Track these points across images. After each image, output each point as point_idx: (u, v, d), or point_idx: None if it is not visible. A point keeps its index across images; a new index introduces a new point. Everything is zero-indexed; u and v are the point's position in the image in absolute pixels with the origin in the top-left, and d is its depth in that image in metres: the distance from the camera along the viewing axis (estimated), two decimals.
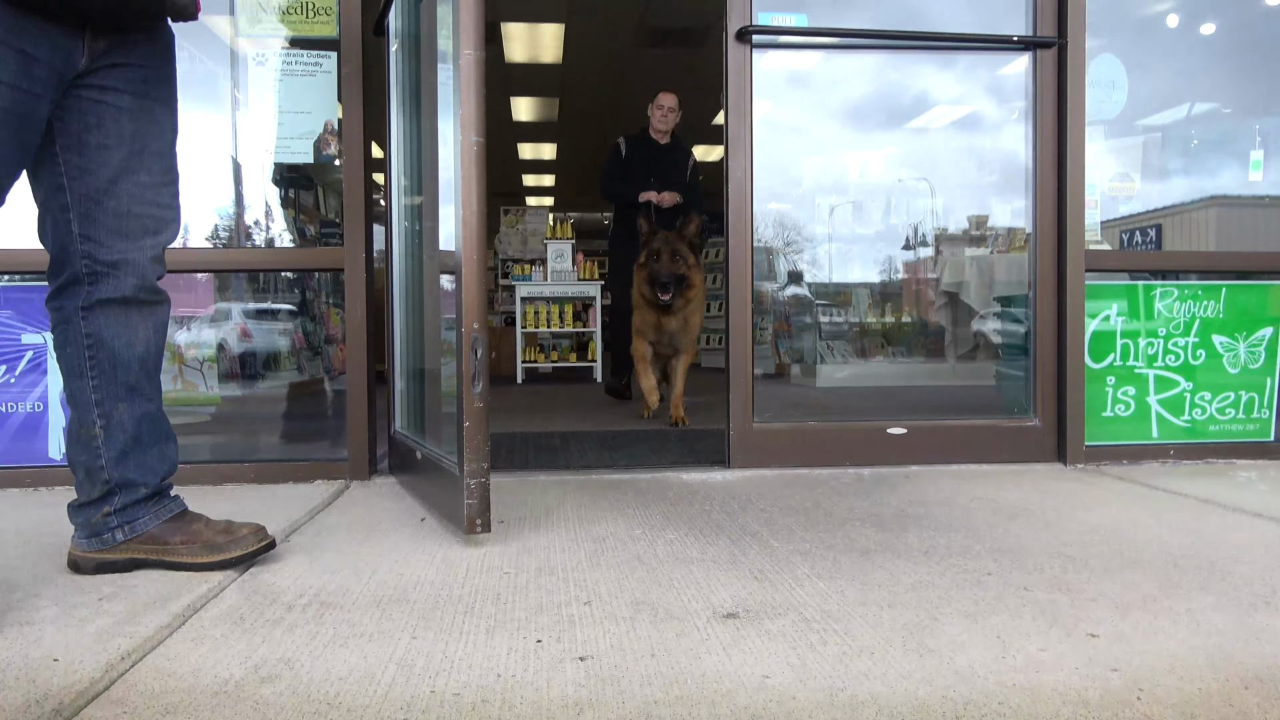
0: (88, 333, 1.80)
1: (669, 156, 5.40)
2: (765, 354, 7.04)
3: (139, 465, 1.85)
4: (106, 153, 1.74)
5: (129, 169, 1.77)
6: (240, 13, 3.00)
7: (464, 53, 2.02)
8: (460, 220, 2.04)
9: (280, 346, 3.48)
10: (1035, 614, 1.53)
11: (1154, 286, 3.18)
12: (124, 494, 1.83)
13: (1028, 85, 3.17)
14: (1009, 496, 2.54)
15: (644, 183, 5.27)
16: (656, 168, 5.34)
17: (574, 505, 2.47)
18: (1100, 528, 2.16)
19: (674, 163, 5.42)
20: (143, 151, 1.78)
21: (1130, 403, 3.14)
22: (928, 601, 1.60)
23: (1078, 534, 2.10)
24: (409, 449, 2.69)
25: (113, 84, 1.74)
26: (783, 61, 3.52)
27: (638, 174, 5.32)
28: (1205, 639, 1.41)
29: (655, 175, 5.31)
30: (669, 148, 5.41)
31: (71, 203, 1.74)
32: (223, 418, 3.21)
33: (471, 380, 2.04)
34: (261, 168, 3.18)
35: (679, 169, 5.43)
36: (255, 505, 2.47)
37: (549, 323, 8.30)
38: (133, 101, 1.77)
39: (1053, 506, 2.41)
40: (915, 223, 5.18)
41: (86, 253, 1.76)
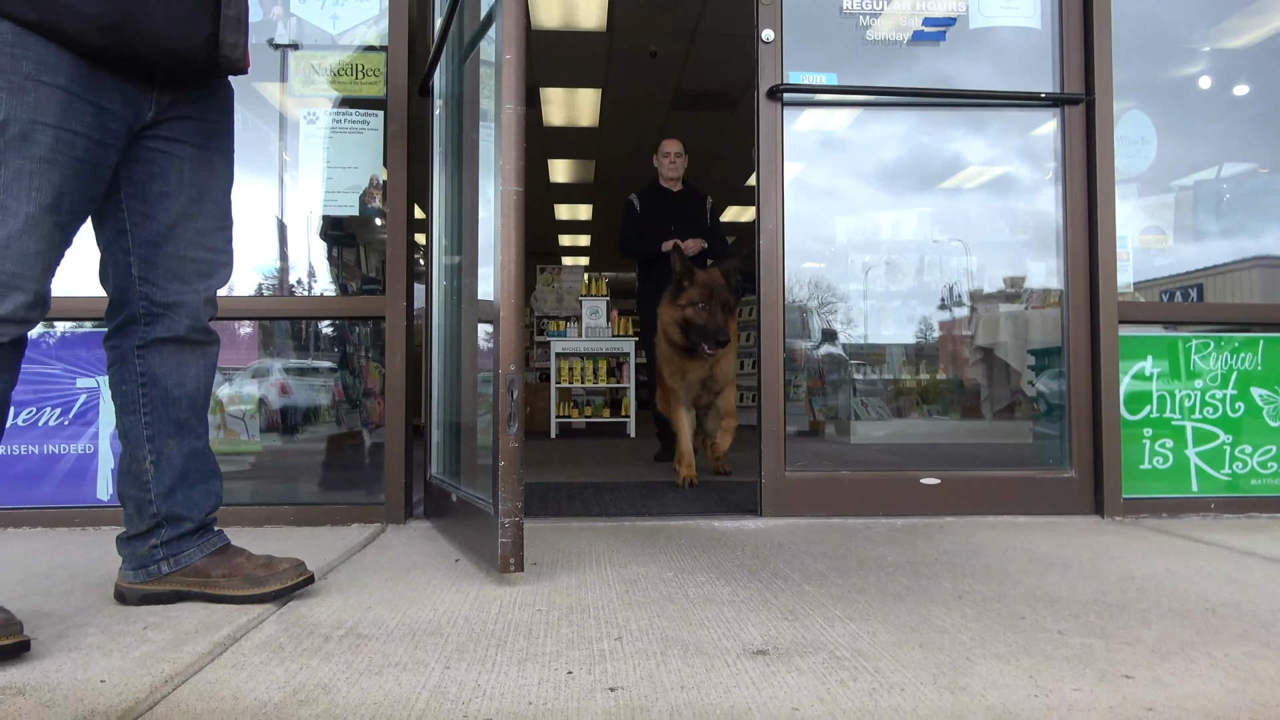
0: (142, 371, 1.88)
1: (684, 203, 5.25)
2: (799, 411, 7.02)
3: (186, 500, 1.91)
4: (168, 200, 1.84)
5: (187, 215, 1.87)
6: (294, 76, 3.15)
7: (505, 107, 2.11)
8: (499, 265, 2.11)
9: (320, 400, 3.55)
10: (1069, 656, 1.52)
11: (1189, 339, 3.17)
12: (170, 528, 1.89)
13: (1056, 141, 3.23)
14: (1044, 547, 2.52)
15: (664, 233, 5.07)
16: (674, 216, 5.16)
17: (606, 549, 2.48)
18: (1137, 577, 2.14)
19: (691, 209, 5.25)
20: (201, 199, 1.88)
21: (1168, 455, 3.11)
22: (960, 643, 1.60)
23: (1115, 583, 2.08)
24: (444, 493, 2.74)
25: (176, 135, 1.84)
26: (816, 123, 3.60)
27: (656, 226, 5.15)
28: (1243, 684, 1.39)
29: (675, 224, 5.11)
30: (683, 194, 5.27)
31: (132, 247, 1.84)
32: (263, 465, 3.28)
33: (507, 421, 2.08)
34: (307, 224, 3.30)
35: (697, 214, 5.25)
36: (294, 545, 2.52)
37: (583, 378, 8.37)
38: (194, 152, 1.87)
39: (1089, 557, 2.38)
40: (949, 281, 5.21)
41: (144, 294, 1.85)
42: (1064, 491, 3.07)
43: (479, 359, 2.86)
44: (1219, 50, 3.63)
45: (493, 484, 2.11)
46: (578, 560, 2.34)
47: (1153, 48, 3.61)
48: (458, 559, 2.37)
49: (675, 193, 5.23)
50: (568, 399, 8.69)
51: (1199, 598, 1.94)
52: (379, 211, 3.11)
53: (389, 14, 3.10)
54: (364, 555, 2.44)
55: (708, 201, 5.27)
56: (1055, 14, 3.24)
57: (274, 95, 3.23)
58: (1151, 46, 3.61)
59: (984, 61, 3.45)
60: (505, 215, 2.11)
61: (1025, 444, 3.91)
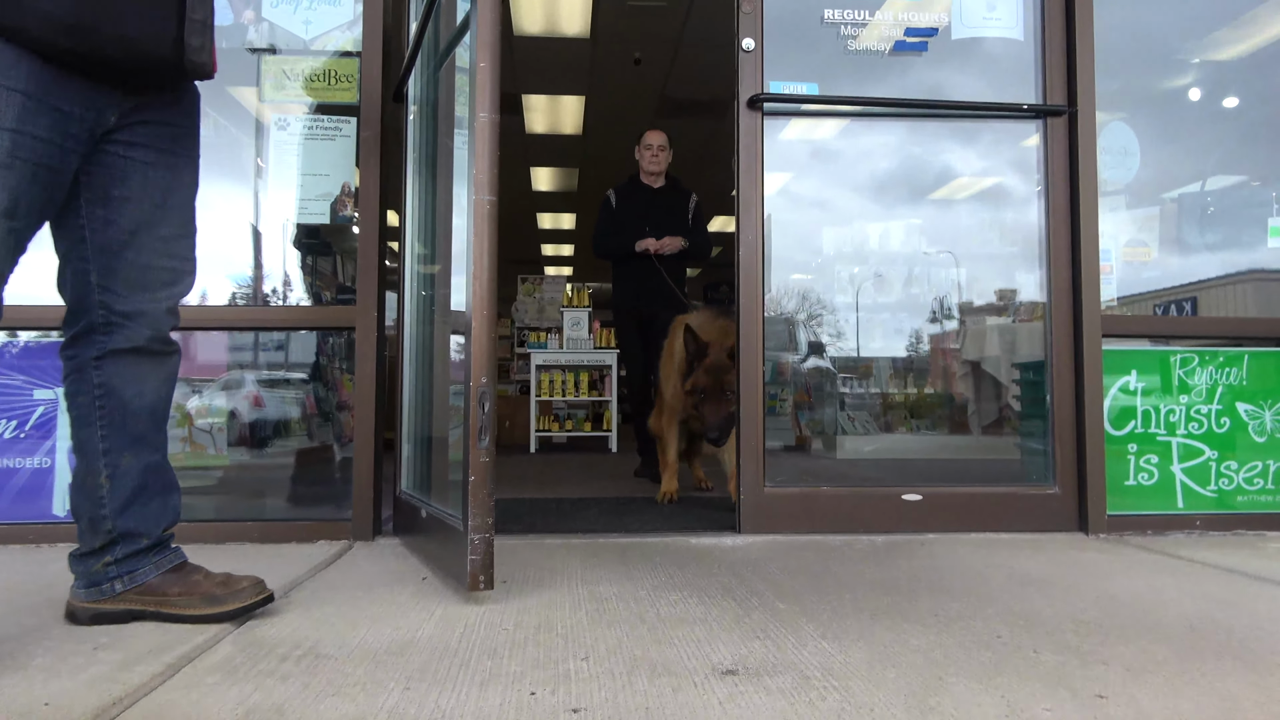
0: (99, 382, 1.87)
1: (665, 200, 5.01)
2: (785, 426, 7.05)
3: (142, 515, 1.89)
4: (129, 206, 1.84)
5: (150, 222, 1.86)
6: (265, 81, 3.15)
7: (479, 115, 2.12)
8: (471, 275, 2.11)
9: (291, 413, 3.54)
10: (1044, 676, 1.53)
11: (1174, 353, 3.20)
12: (125, 544, 1.88)
13: (1039, 152, 3.26)
14: (1026, 564, 2.53)
15: (639, 232, 4.88)
16: (652, 214, 4.95)
17: (579, 567, 2.48)
18: (1118, 596, 2.15)
19: (672, 207, 5.02)
20: (164, 205, 1.88)
21: (1154, 471, 3.14)
22: (934, 663, 1.60)
23: (1094, 600, 2.09)
24: (414, 508, 2.73)
25: (140, 140, 1.84)
26: (802, 133, 3.63)
27: (632, 224, 4.93)
28: (1220, 702, 1.40)
29: (651, 223, 4.91)
30: (664, 191, 5.03)
31: (91, 254, 1.83)
32: (230, 480, 3.26)
33: (478, 435, 2.08)
34: (282, 232, 3.29)
35: (678, 213, 5.02)
36: (257, 563, 2.50)
37: (564, 391, 8.37)
38: (157, 156, 1.87)
39: (1070, 575, 2.39)
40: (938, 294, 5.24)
41: (104, 303, 1.84)
42: (1047, 508, 3.09)
43: (452, 371, 2.86)
44: (1207, 62, 3.68)
45: (463, 499, 2.10)
46: (550, 578, 2.34)
47: (1138, 59, 3.66)
48: (425, 577, 2.36)
49: (656, 189, 5.01)
50: (548, 412, 8.68)
51: (1180, 616, 1.95)
52: (349, 220, 3.10)
53: (363, 19, 3.11)
54: (329, 573, 2.43)
55: (691, 200, 5.06)
56: (1037, 25, 3.28)
57: (249, 100, 3.23)
58: (1137, 58, 3.65)
59: (967, 72, 3.49)
60: (478, 225, 2.11)
61: (1012, 459, 3.94)
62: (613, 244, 4.97)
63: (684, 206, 5.00)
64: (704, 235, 5.06)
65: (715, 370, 3.73)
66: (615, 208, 5.02)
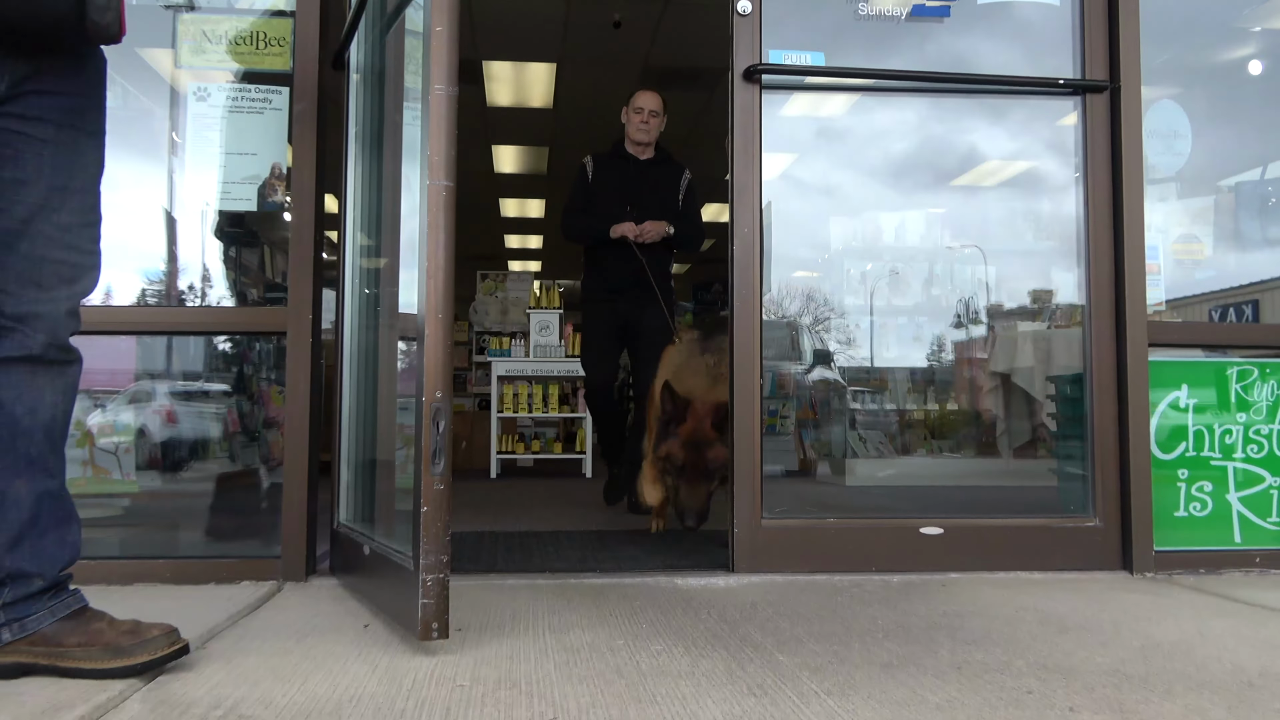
0: None
1: (653, 176, 4.85)
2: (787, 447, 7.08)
3: (35, 553, 1.88)
4: (23, 189, 1.83)
5: (47, 208, 1.86)
6: (182, 43, 3.15)
7: (434, 88, 2.13)
8: (425, 273, 2.12)
9: (211, 432, 3.52)
10: None
11: (1230, 364, 3.25)
12: (15, 586, 1.87)
13: (1077, 135, 3.30)
14: (1061, 607, 2.56)
15: (618, 213, 4.69)
16: (636, 192, 4.77)
17: (546, 611, 2.49)
18: (1165, 644, 2.18)
19: (660, 184, 4.85)
20: (64, 189, 1.88)
21: (1206, 500, 3.18)
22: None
23: (1138, 650, 2.12)
24: (355, 544, 2.73)
25: (35, 113, 1.84)
26: (807, 109, 3.66)
27: (610, 202, 4.75)
28: None
29: (634, 202, 4.72)
30: (653, 164, 4.88)
31: None
32: (139, 510, 3.25)
33: (431, 458, 2.09)
34: (201, 220, 3.29)
35: (667, 192, 4.86)
36: (171, 607, 2.48)
37: (530, 407, 8.37)
38: (56, 133, 1.87)
39: (1111, 619, 2.43)
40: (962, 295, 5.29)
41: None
42: (1086, 543, 3.13)
43: (400, 383, 2.87)
44: (1270, 30, 3.75)
45: (413, 533, 2.11)
46: (513, 624, 2.34)
47: (1190, 28, 3.72)
48: (368, 624, 2.36)
49: (644, 161, 4.86)
50: (512, 431, 8.68)
51: (1234, 668, 1.98)
52: (280, 206, 3.11)
53: None
54: (254, 619, 2.43)
55: (684, 176, 4.92)
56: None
57: (163, 65, 3.23)
58: (1189, 26, 3.72)
59: (996, 42, 3.54)
60: (433, 215, 2.12)
61: (1047, 487, 3.98)
62: (584, 225, 4.83)
63: (675, 184, 4.89)
64: (697, 220, 4.99)
65: (694, 444, 3.50)
66: (592, 180, 4.87)
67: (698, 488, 3.48)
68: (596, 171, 4.88)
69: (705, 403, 3.52)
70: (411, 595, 2.07)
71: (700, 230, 5.00)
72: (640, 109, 4.80)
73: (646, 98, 4.84)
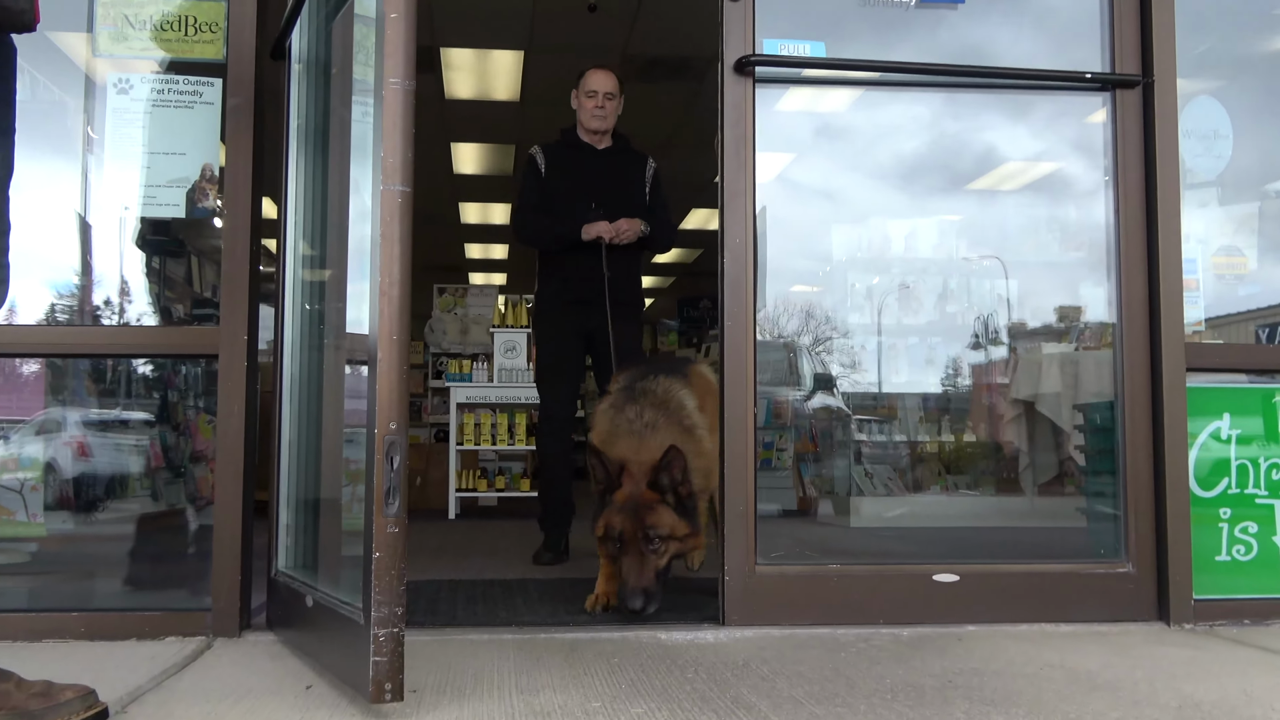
0: None
1: (615, 167, 4.76)
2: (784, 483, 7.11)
3: None
4: None
5: None
6: (100, 28, 3.16)
7: (389, 82, 2.16)
8: (378, 290, 2.14)
9: (130, 467, 3.51)
10: None
11: (1276, 390, 3.31)
12: None
13: (1107, 134, 3.37)
14: (1090, 663, 2.60)
15: (580, 211, 4.57)
16: (596, 185, 4.66)
17: (513, 670, 2.50)
18: (1204, 704, 2.22)
19: (622, 175, 4.76)
20: None
21: (1251, 543, 3.23)
22: None
23: (1175, 711, 2.15)
24: (296, 594, 2.73)
25: None
26: (806, 105, 3.71)
27: (569, 198, 4.64)
28: None
29: (597, 198, 4.61)
30: (613, 154, 4.79)
31: None
32: (48, 556, 3.24)
33: (385, 498, 2.11)
34: (119, 227, 3.29)
35: (631, 183, 4.76)
36: (86, 667, 2.48)
37: (494, 438, 8.35)
38: None
39: (1145, 677, 2.46)
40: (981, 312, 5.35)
41: None
42: (1118, 591, 3.17)
43: (347, 412, 2.88)
44: None
45: (364, 582, 2.12)
46: (475, 685, 2.36)
47: (1231, 17, 3.80)
48: (311, 685, 2.37)
49: (601, 150, 4.76)
50: (473, 466, 8.66)
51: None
52: (212, 213, 3.12)
53: None
54: (182, 679, 2.43)
55: (648, 166, 4.84)
56: None
57: (79, 51, 3.24)
58: (1229, 15, 3.79)
59: (1016, 31, 3.61)
60: (387, 225, 2.15)
61: (1074, 528, 4.02)
62: (543, 226, 4.70)
63: (639, 175, 4.81)
64: (666, 214, 4.88)
65: (631, 508, 3.24)
66: (545, 174, 4.74)
67: (641, 562, 3.19)
68: (550, 164, 4.76)
69: (640, 462, 3.30)
70: (362, 652, 2.08)
71: (673, 227, 4.91)
72: (593, 92, 4.67)
73: (598, 78, 4.70)
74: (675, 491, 3.24)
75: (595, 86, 4.67)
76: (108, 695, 2.11)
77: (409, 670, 2.42)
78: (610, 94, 4.67)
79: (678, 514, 3.22)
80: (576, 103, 4.75)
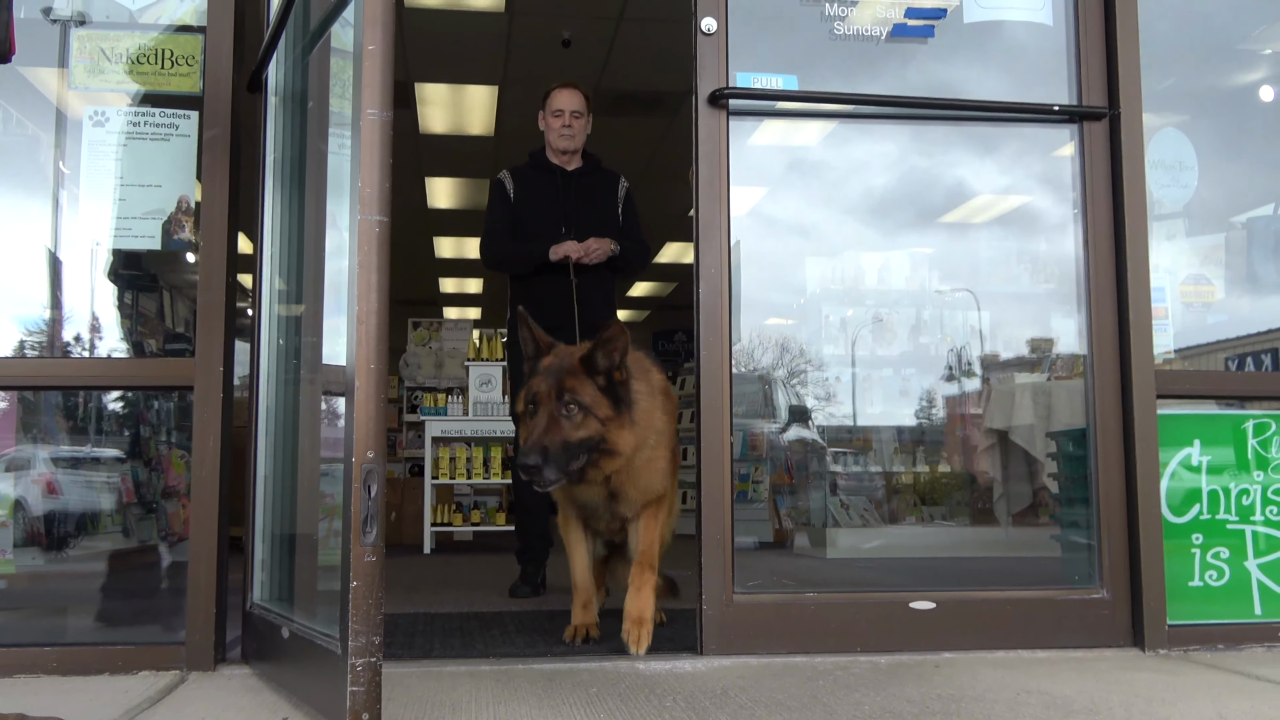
0: None
1: (585, 188, 4.72)
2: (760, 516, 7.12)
3: None
4: None
5: None
6: (76, 62, 3.17)
7: (367, 113, 2.18)
8: (355, 319, 2.15)
9: (102, 503, 3.49)
10: None
11: (1248, 417, 3.35)
12: None
13: (1074, 166, 3.42)
14: (1066, 689, 2.61)
15: (551, 234, 4.51)
16: (568, 208, 4.63)
17: (491, 700, 2.49)
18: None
19: (595, 196, 4.72)
20: None
21: (1223, 568, 3.26)
22: None
23: None
24: (272, 626, 2.72)
25: None
26: (778, 139, 3.75)
27: (540, 222, 4.60)
28: None
29: (568, 220, 4.57)
30: (583, 174, 4.74)
31: None
32: (18, 592, 3.22)
33: (362, 527, 2.11)
34: (90, 260, 3.29)
35: (602, 204, 4.72)
36: (58, 701, 2.47)
37: (470, 472, 8.34)
38: None
39: (1121, 702, 2.48)
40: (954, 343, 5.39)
41: None
42: (1093, 617, 3.19)
43: (324, 446, 2.87)
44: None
45: (341, 612, 2.12)
46: (452, 715, 2.35)
47: (1195, 50, 3.88)
48: (286, 717, 2.35)
49: (572, 172, 4.71)
50: (448, 500, 8.63)
51: None
52: (188, 245, 3.12)
53: None
54: (156, 712, 2.41)
55: (620, 185, 4.79)
56: (1070, 7, 3.46)
57: (50, 85, 3.24)
58: (1193, 49, 3.87)
59: (985, 65, 3.66)
60: (364, 254, 2.16)
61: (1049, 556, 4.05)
62: (511, 251, 4.64)
63: (611, 195, 4.75)
64: (640, 235, 4.80)
65: (554, 371, 3.09)
66: (514, 199, 4.69)
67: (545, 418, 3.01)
68: (519, 188, 4.69)
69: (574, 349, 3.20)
70: (339, 682, 2.07)
71: (646, 247, 4.84)
72: (560, 111, 4.61)
73: (564, 96, 4.63)
74: (609, 376, 3.06)
75: (562, 105, 4.61)
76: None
77: (388, 701, 2.42)
78: (578, 112, 4.62)
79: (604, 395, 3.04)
80: (544, 123, 4.70)
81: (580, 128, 4.65)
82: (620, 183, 4.79)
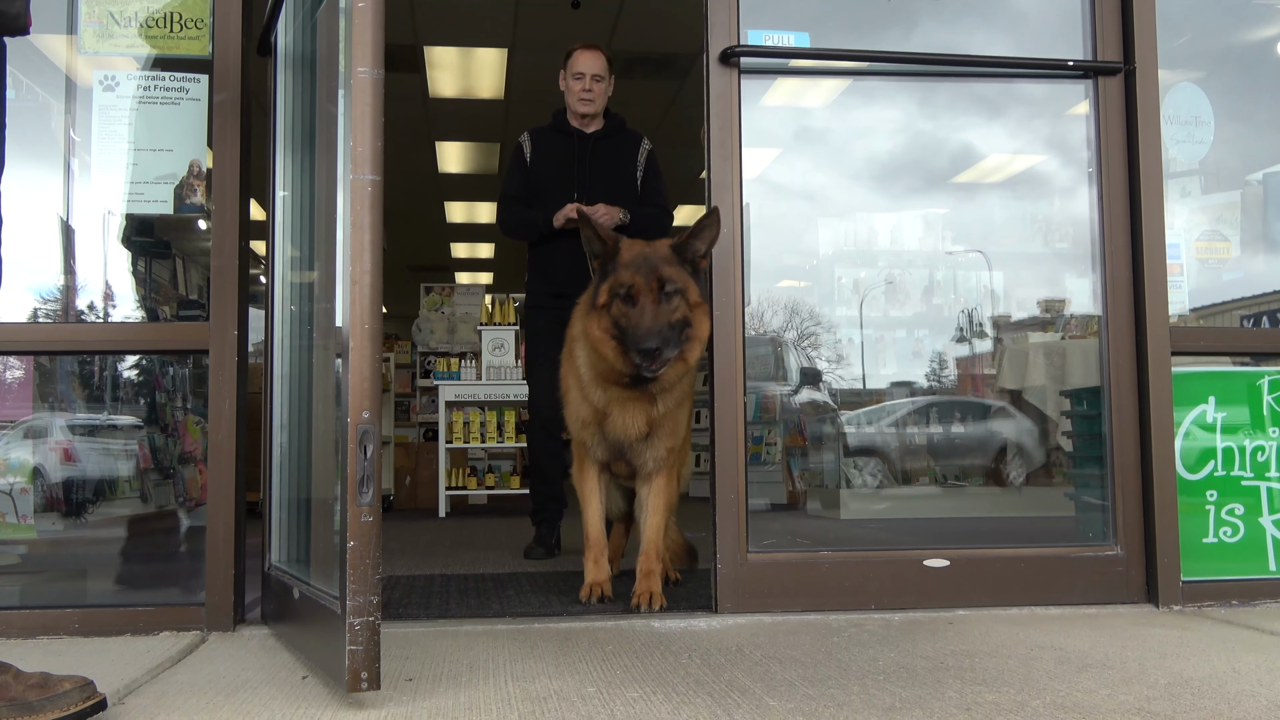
0: None
1: (604, 151, 4.62)
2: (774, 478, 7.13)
3: None
4: None
5: None
6: (85, 26, 3.16)
7: (358, 71, 2.18)
8: (349, 279, 2.15)
9: (119, 469, 3.51)
10: None
11: (1262, 374, 3.34)
12: None
13: (1089, 124, 3.39)
14: (1080, 644, 2.62)
15: (563, 198, 4.42)
16: (584, 171, 4.54)
17: (508, 659, 2.51)
18: (1194, 681, 2.24)
19: (614, 159, 4.62)
20: None
21: (1238, 525, 3.26)
22: None
23: (1165, 689, 2.18)
24: (286, 587, 2.74)
25: None
26: (790, 99, 3.73)
27: (554, 187, 4.52)
28: None
29: (582, 185, 4.48)
30: (603, 137, 4.65)
31: None
32: (39, 557, 3.25)
33: (358, 487, 2.11)
34: (103, 226, 3.29)
35: (622, 168, 4.63)
36: (82, 660, 2.50)
37: (483, 436, 8.36)
38: None
39: (1135, 656, 2.49)
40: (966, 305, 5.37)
41: None
42: (1107, 573, 3.19)
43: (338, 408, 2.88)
44: None
45: (340, 572, 2.13)
46: (469, 673, 2.37)
47: (1211, 4, 3.83)
48: (306, 676, 2.38)
49: (591, 135, 4.62)
50: (462, 464, 8.66)
51: (1270, 705, 2.05)
52: (201, 209, 3.12)
53: None
54: (177, 672, 2.44)
55: (642, 147, 4.70)
56: None
57: (59, 52, 3.23)
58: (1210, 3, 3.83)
59: (999, 22, 3.64)
60: (357, 214, 2.16)
61: (1063, 515, 4.06)
62: (523, 218, 4.59)
63: (631, 158, 4.66)
64: (661, 198, 4.68)
65: (637, 262, 3.08)
66: (530, 163, 4.65)
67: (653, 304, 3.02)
68: (536, 151, 4.66)
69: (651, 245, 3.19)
70: (338, 642, 2.09)
71: (667, 210, 4.72)
72: (580, 74, 4.54)
73: (586, 58, 4.55)
74: (694, 264, 3.10)
75: (583, 68, 4.54)
76: (104, 688, 2.12)
77: (405, 660, 2.45)
78: (599, 76, 4.55)
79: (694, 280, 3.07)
80: (564, 84, 4.63)
81: (601, 91, 4.58)
82: (642, 144, 4.70)
